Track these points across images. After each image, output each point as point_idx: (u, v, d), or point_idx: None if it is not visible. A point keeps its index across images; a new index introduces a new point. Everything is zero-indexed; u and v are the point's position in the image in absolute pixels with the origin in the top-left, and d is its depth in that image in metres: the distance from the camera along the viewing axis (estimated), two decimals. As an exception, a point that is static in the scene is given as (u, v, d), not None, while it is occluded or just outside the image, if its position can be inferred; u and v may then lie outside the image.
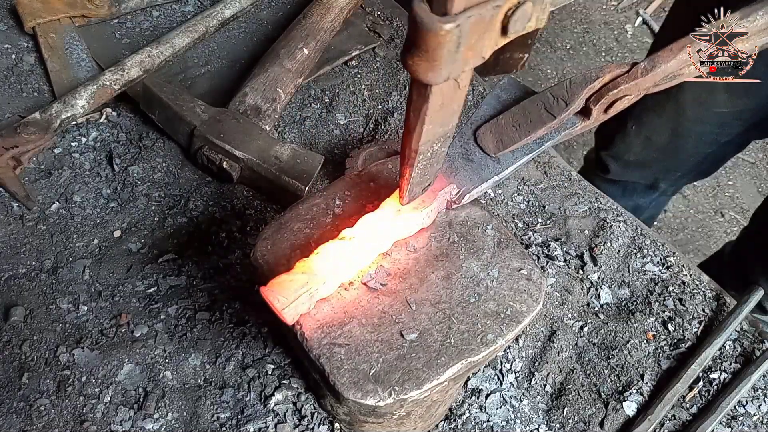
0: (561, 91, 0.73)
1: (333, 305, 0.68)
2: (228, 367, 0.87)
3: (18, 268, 0.94)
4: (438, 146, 0.61)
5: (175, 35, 1.20)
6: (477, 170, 0.74)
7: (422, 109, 0.52)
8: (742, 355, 0.97)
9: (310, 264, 0.65)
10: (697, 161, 1.53)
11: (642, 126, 1.50)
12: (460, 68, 0.46)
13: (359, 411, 0.70)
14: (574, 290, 1.02)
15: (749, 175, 2.73)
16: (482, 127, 0.76)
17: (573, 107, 0.72)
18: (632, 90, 0.72)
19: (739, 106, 1.33)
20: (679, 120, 1.41)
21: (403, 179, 0.65)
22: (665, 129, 1.45)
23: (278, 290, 0.63)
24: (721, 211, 2.61)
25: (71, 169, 1.05)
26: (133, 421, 0.82)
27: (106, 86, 1.10)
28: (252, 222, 1.03)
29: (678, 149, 1.49)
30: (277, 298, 0.63)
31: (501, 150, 0.74)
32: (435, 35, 0.42)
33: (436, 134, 0.58)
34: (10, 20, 1.23)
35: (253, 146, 1.03)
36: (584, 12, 3.17)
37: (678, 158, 1.52)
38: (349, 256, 0.67)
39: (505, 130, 0.75)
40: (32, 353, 0.86)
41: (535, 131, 0.73)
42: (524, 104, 0.75)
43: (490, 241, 0.75)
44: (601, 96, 0.72)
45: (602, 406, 0.91)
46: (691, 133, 1.43)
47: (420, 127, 0.55)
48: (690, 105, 1.37)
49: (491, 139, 0.75)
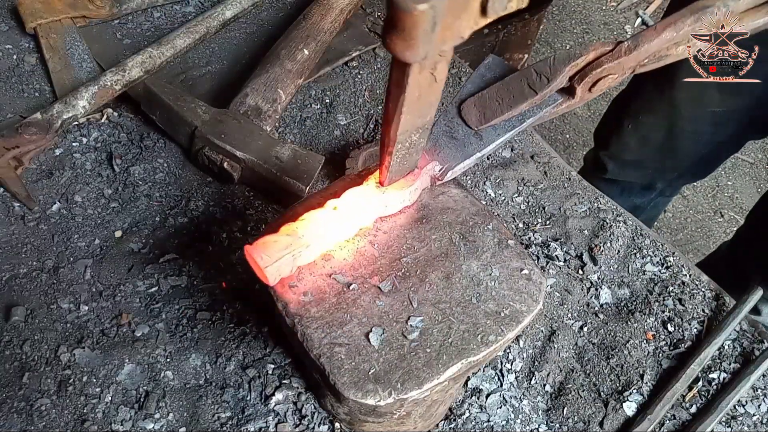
0: (544, 68, 0.73)
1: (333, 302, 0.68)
2: (228, 367, 0.88)
3: (19, 267, 0.94)
4: (416, 137, 0.64)
5: (176, 36, 1.21)
6: (460, 147, 0.76)
7: (400, 98, 0.55)
8: (741, 355, 0.97)
9: (296, 228, 0.68)
10: (693, 161, 1.53)
11: (638, 125, 1.50)
12: (438, 47, 0.48)
13: (359, 410, 0.70)
14: (574, 290, 1.02)
15: (748, 175, 2.74)
16: (467, 101, 0.77)
17: (555, 84, 0.73)
18: (616, 69, 0.72)
19: (732, 105, 1.33)
20: (674, 119, 1.42)
21: (383, 166, 0.68)
22: (661, 128, 1.46)
23: (263, 249, 0.65)
24: (720, 211, 2.61)
25: (72, 170, 1.05)
26: (134, 420, 0.82)
27: (107, 87, 1.10)
28: (253, 222, 1.03)
29: (674, 148, 1.49)
30: (261, 256, 0.65)
31: (483, 124, 0.75)
32: (410, 15, 0.43)
33: (414, 125, 0.61)
34: (11, 21, 1.23)
35: (253, 147, 1.03)
36: (584, 12, 3.17)
37: (674, 158, 1.53)
38: (333, 226, 0.69)
39: (488, 104, 0.76)
40: (33, 353, 0.86)
41: (518, 106, 0.74)
42: (508, 79, 0.76)
43: (490, 241, 0.75)
44: (585, 74, 0.73)
45: (602, 405, 0.91)
46: (686, 133, 1.44)
47: (398, 117, 0.57)
48: (684, 104, 1.38)
49: (474, 112, 0.76)
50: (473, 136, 0.76)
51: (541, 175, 1.16)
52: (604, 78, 0.73)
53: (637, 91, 1.51)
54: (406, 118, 0.58)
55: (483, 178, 1.14)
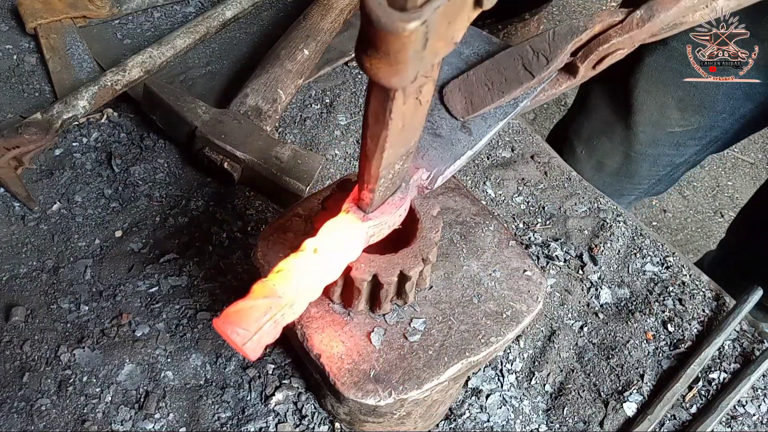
0: (542, 45, 0.62)
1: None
2: (229, 367, 0.88)
3: (19, 267, 0.94)
4: (400, 165, 0.54)
5: (176, 36, 1.21)
6: (447, 146, 0.64)
7: (382, 135, 0.45)
8: (741, 355, 0.97)
9: (271, 285, 0.54)
10: (651, 183, 1.47)
11: (592, 150, 1.42)
12: (430, 62, 0.39)
13: (360, 410, 0.71)
14: (574, 290, 1.02)
15: (748, 175, 2.74)
16: (450, 84, 0.65)
17: (556, 64, 0.62)
18: (626, 43, 0.63)
19: (693, 124, 1.27)
20: (631, 143, 1.35)
21: (363, 202, 0.58)
22: (617, 153, 1.39)
23: (236, 321, 0.51)
24: (720, 211, 2.61)
25: (72, 170, 1.05)
26: (134, 421, 0.82)
27: (107, 87, 1.10)
28: (253, 222, 1.03)
29: (631, 172, 1.42)
30: (237, 332, 0.51)
31: (470, 113, 0.64)
32: (397, 37, 0.33)
33: (398, 155, 0.52)
34: (11, 21, 1.23)
35: (254, 147, 1.03)
36: (584, 13, 3.17)
37: (631, 181, 1.45)
38: (316, 271, 0.56)
39: (475, 89, 0.64)
40: (33, 353, 0.86)
41: (511, 92, 0.63)
42: (499, 58, 0.64)
43: (490, 241, 0.75)
44: (591, 51, 0.63)
45: (602, 406, 0.91)
46: (645, 156, 1.37)
47: (380, 154, 0.48)
48: (642, 127, 1.31)
49: (459, 98, 0.65)
50: (460, 131, 0.64)
51: (541, 175, 1.16)
52: (612, 54, 0.64)
53: (588, 114, 1.42)
54: (389, 152, 0.48)
55: (483, 178, 1.14)
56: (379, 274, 0.62)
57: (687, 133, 1.30)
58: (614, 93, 1.34)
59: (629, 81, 1.27)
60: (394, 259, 0.63)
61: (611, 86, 1.34)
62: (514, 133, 1.22)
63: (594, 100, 1.40)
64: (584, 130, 1.44)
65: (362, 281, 0.63)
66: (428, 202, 0.67)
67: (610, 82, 1.35)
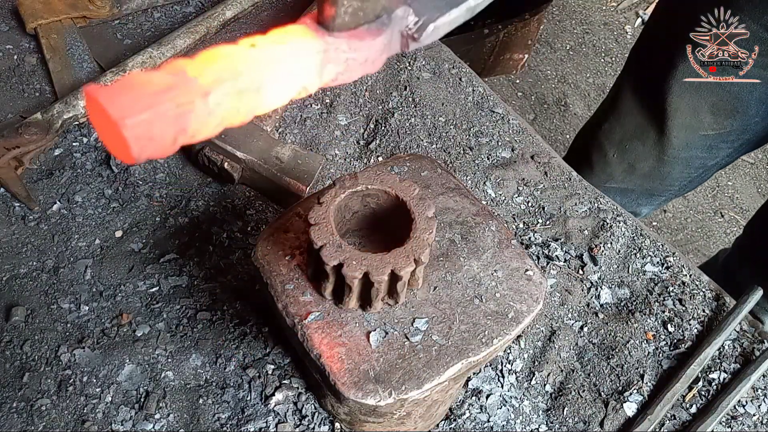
0: None
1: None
2: (229, 367, 0.88)
3: (19, 268, 0.94)
4: None
5: (176, 36, 1.21)
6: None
7: None
8: (741, 355, 0.97)
9: (182, 63, 0.39)
10: (683, 185, 1.48)
11: (624, 153, 1.44)
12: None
13: (360, 411, 0.71)
14: (574, 290, 1.02)
15: (749, 175, 2.74)
16: None
17: None
18: None
19: (726, 127, 1.28)
20: (664, 147, 1.36)
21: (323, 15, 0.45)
22: (650, 156, 1.40)
23: (119, 90, 0.36)
24: (720, 211, 2.61)
25: (73, 170, 1.05)
26: (134, 421, 0.82)
27: (107, 87, 1.10)
28: (253, 222, 1.03)
29: (663, 175, 1.43)
30: (115, 102, 0.35)
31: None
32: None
33: None
34: (11, 21, 1.23)
35: (254, 147, 1.03)
36: (584, 13, 3.17)
37: (663, 183, 1.47)
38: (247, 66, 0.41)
39: None
40: (33, 353, 0.86)
41: None
42: None
43: (491, 241, 0.75)
44: None
45: (602, 406, 0.91)
46: (678, 160, 1.38)
47: None
48: (676, 131, 1.32)
49: None
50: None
51: (541, 175, 1.16)
52: None
53: (620, 118, 1.44)
54: None
55: (483, 178, 1.14)
56: (371, 272, 0.63)
57: (720, 137, 1.31)
58: (647, 98, 1.36)
59: (662, 86, 1.28)
60: (386, 258, 0.63)
61: (643, 91, 1.36)
62: (514, 133, 1.22)
63: (626, 105, 1.41)
64: (616, 134, 1.46)
65: (353, 278, 0.63)
66: (424, 203, 0.67)
67: (641, 87, 1.37)
